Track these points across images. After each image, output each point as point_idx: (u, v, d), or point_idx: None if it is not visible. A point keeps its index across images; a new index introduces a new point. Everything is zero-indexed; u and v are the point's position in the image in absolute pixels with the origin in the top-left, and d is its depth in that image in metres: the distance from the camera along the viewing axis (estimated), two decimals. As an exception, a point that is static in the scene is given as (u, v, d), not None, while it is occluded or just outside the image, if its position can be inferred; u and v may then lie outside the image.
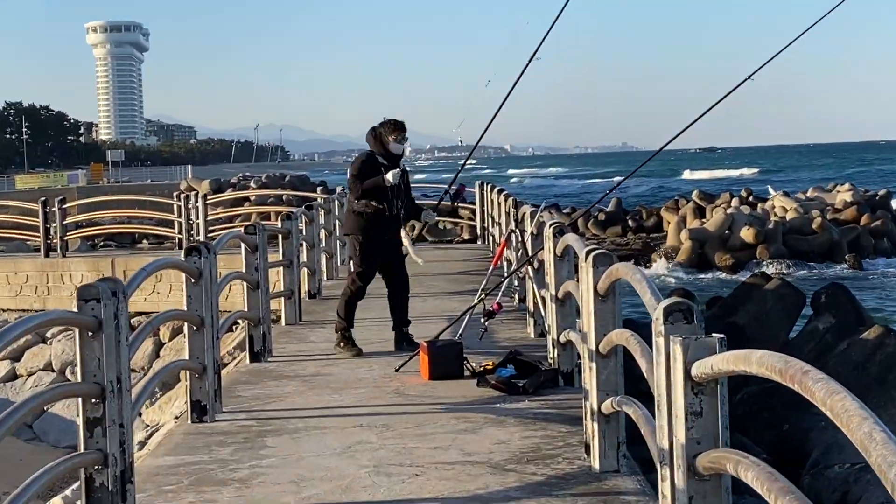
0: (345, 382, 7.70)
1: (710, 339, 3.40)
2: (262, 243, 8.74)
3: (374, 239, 8.55)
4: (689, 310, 3.66)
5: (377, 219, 8.51)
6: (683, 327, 3.61)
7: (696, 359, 3.36)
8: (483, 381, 7.31)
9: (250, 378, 8.06)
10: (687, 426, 3.42)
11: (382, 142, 8.55)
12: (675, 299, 3.69)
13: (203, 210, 19.68)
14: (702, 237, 28.58)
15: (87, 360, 4.44)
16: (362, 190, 8.36)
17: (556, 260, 7.28)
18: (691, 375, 3.37)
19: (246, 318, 8.66)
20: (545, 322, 8.19)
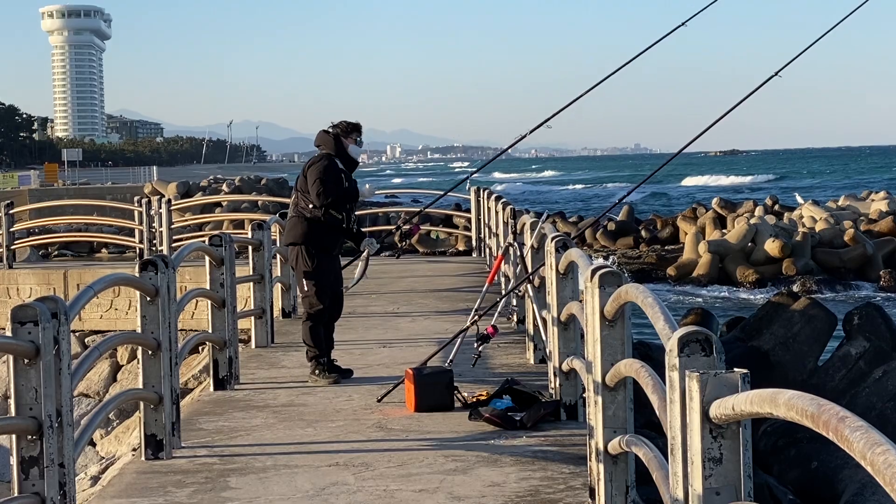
0: (320, 414, 7.64)
1: (732, 375, 3.30)
2: (228, 256, 8.66)
3: (327, 251, 8.48)
4: (707, 340, 3.57)
5: (330, 231, 8.48)
6: (701, 360, 3.53)
7: (716, 397, 3.27)
8: (476, 414, 7.25)
9: (214, 408, 7.99)
10: (704, 474, 3.33)
11: (340, 145, 8.57)
12: (691, 328, 3.59)
13: (167, 217, 19.56)
14: (722, 250, 28.55)
15: (22, 391, 4.32)
16: (334, 198, 8.29)
17: (559, 278, 7.23)
18: (709, 416, 3.28)
19: (210, 340, 8.59)
20: (546, 347, 8.13)
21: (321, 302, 8.52)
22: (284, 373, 9.30)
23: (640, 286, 4.65)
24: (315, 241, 8.49)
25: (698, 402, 3.30)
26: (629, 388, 5.27)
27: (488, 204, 17.97)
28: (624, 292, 4.80)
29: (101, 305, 16.92)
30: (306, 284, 8.55)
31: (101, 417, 5.76)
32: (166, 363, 6.51)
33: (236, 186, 45.81)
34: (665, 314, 4.06)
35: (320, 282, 8.52)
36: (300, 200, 8.57)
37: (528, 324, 9.58)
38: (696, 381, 3.32)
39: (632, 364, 4.75)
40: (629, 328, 5.29)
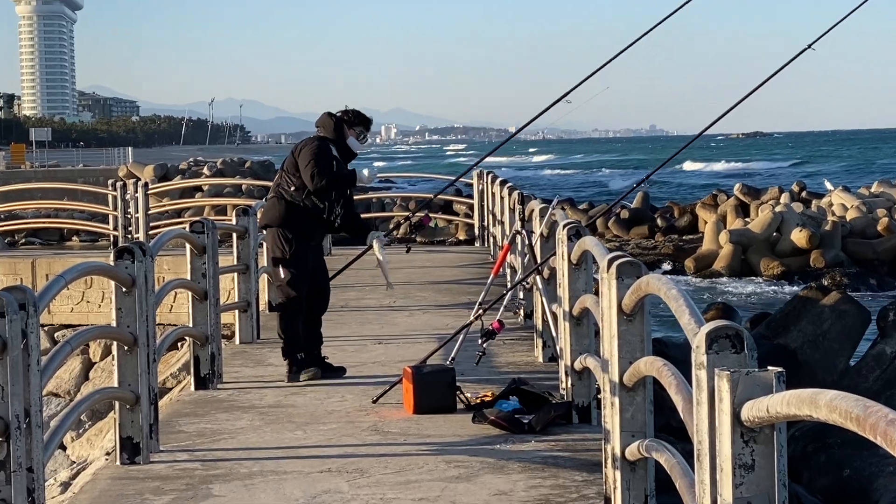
0: (311, 416, 7.63)
1: (766, 374, 3.28)
2: (211, 244, 8.65)
3: (304, 237, 8.47)
4: (738, 336, 3.56)
5: (311, 217, 8.46)
6: (731, 357, 3.52)
7: (748, 398, 3.24)
8: (480, 417, 7.24)
9: (195, 409, 7.97)
10: (735, 482, 3.31)
11: (341, 132, 8.55)
12: (720, 323, 3.57)
13: (143, 202, 19.54)
14: (745, 240, 28.52)
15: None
16: (327, 181, 8.24)
17: (571, 268, 7.21)
18: (740, 419, 3.26)
19: (190, 335, 8.55)
20: (557, 344, 8.12)
21: (296, 291, 8.49)
22: (271, 371, 9.29)
23: (662, 277, 4.63)
24: (293, 224, 8.47)
25: (728, 404, 3.27)
26: (649, 388, 5.27)
27: (493, 189, 17.93)
28: (644, 284, 4.77)
29: (72, 297, 16.88)
30: (281, 271, 8.53)
31: (73, 418, 5.73)
32: (143, 360, 6.48)
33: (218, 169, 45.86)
34: (691, 307, 4.04)
35: (296, 270, 8.50)
36: (283, 181, 8.55)
37: (536, 319, 9.57)
38: (726, 380, 3.29)
39: (653, 362, 4.73)
40: (649, 323, 5.29)
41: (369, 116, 8.77)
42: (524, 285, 10.12)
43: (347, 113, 8.69)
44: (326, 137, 8.57)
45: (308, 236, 8.51)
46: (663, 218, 35.02)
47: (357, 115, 8.70)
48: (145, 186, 20.05)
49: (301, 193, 8.45)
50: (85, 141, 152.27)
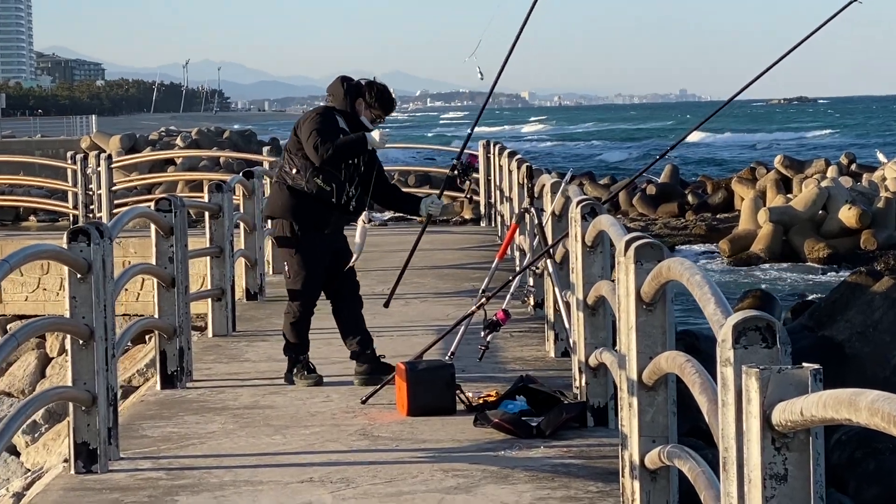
0: (291, 418, 7.63)
1: (800, 372, 3.28)
2: (180, 224, 8.63)
3: (314, 229, 8.36)
4: (769, 328, 3.56)
5: (318, 203, 8.32)
6: (761, 352, 3.53)
7: (780, 399, 3.25)
8: (482, 419, 7.24)
9: (161, 410, 7.98)
10: (765, 494, 3.33)
11: (354, 105, 8.36)
12: (749, 313, 3.55)
13: (107, 177, 19.53)
14: (787, 219, 28.47)
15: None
16: (335, 149, 8.08)
17: (586, 251, 7.22)
18: (771, 422, 3.27)
19: (156, 327, 8.54)
20: (569, 337, 8.12)
21: (304, 289, 8.42)
22: (248, 367, 9.27)
23: (684, 261, 4.60)
24: (298, 214, 8.33)
25: (758, 406, 3.28)
26: (671, 387, 5.28)
27: (500, 161, 17.88)
28: (665, 268, 4.76)
29: (27, 285, 16.88)
30: (288, 267, 8.46)
31: (20, 421, 5.70)
32: (101, 355, 6.46)
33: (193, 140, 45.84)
34: (716, 295, 4.02)
35: (306, 265, 8.40)
36: (285, 163, 8.45)
37: (547, 308, 9.57)
38: (755, 378, 3.29)
39: (675, 358, 4.71)
40: (671, 313, 5.29)
41: (394, 98, 8.55)
42: (533, 270, 10.10)
43: (370, 87, 8.43)
44: (334, 108, 8.41)
45: (318, 225, 8.36)
46: (695, 194, 34.96)
47: (381, 93, 8.41)
48: (109, 159, 20.02)
49: (304, 177, 8.28)
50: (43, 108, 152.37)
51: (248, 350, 10.01)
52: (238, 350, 10.04)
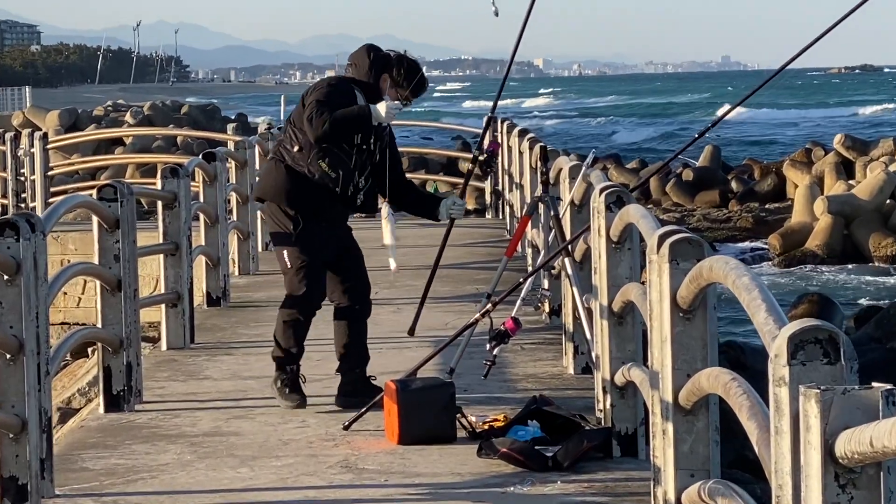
0: (260, 448, 7.60)
1: (870, 393, 3.29)
2: (127, 215, 8.59)
3: (316, 216, 8.33)
4: (831, 340, 3.58)
5: (319, 190, 8.28)
6: (822, 370, 3.55)
7: (845, 426, 3.26)
8: (488, 449, 7.21)
9: (104, 438, 7.93)
10: None
11: (379, 81, 8.34)
12: (807, 323, 3.57)
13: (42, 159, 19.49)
14: (848, 210, 28.47)
15: None
16: (330, 122, 8.04)
17: (611, 248, 7.21)
18: (835, 454, 3.29)
19: (99, 338, 8.49)
20: (591, 350, 8.09)
21: (307, 285, 8.38)
22: (208, 386, 9.25)
23: (730, 260, 4.59)
24: (294, 198, 8.29)
25: (818, 434, 3.28)
26: (713, 410, 5.28)
27: (509, 142, 17.86)
28: (707, 269, 4.74)
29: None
30: (287, 257, 8.41)
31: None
32: (32, 372, 6.42)
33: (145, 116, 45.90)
34: (768, 301, 4.03)
35: (307, 256, 8.35)
36: (286, 138, 8.40)
37: (564, 316, 9.55)
38: (815, 401, 3.30)
39: (718, 376, 4.70)
40: (714, 322, 5.28)
41: (426, 79, 8.52)
42: (549, 270, 10.08)
43: (400, 61, 8.43)
44: (353, 79, 8.38)
45: (318, 214, 8.33)
46: (739, 180, 34.97)
47: (411, 69, 8.39)
48: (44, 139, 19.98)
49: (306, 157, 8.25)
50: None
51: (208, 366, 9.98)
52: (197, 366, 10.02)
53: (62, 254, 18.19)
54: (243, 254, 14.86)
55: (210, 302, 12.65)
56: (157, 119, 45.42)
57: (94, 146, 34.41)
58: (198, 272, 12.34)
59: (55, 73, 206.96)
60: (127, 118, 45.64)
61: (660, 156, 47.81)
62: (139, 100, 69.25)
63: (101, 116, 47.59)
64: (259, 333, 11.13)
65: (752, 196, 33.82)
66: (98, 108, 52.25)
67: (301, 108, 8.29)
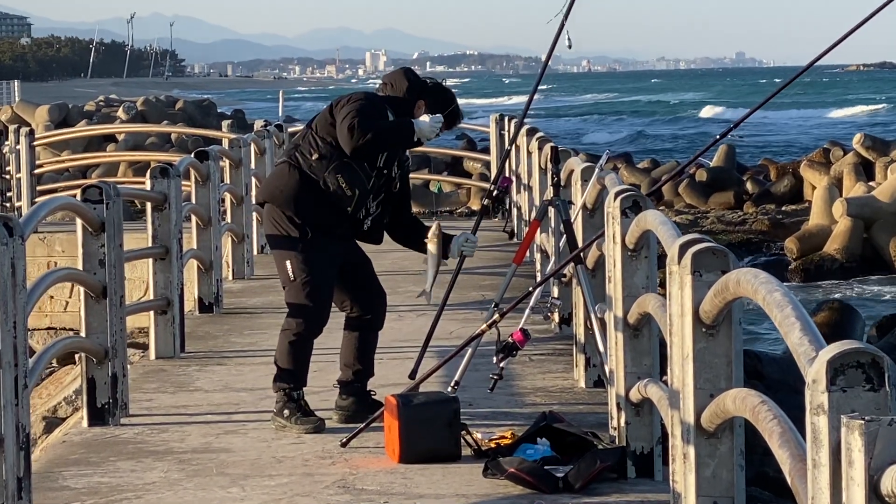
0: (252, 465, 7.53)
1: None
2: (113, 218, 8.50)
3: (324, 230, 8.19)
4: (874, 365, 3.46)
5: (330, 204, 8.15)
6: (865, 397, 3.45)
7: (892, 461, 3.16)
8: (494, 469, 7.15)
9: (87, 454, 7.85)
10: None
11: (412, 104, 8.27)
12: (849, 346, 3.46)
13: (28, 157, 19.37)
14: (868, 212, 28.35)
15: None
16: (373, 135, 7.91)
17: (626, 256, 7.14)
18: (880, 492, 3.17)
19: (82, 349, 8.40)
20: (604, 363, 8.01)
21: (314, 301, 8.21)
22: (199, 399, 9.18)
23: (759, 273, 4.47)
24: (301, 206, 8.14)
25: (862, 470, 3.18)
26: (738, 433, 5.21)
27: (517, 140, 17.71)
28: (734, 282, 4.61)
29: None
30: (291, 268, 8.22)
31: None
32: (9, 386, 6.27)
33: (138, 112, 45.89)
34: (803, 320, 3.91)
35: (315, 268, 8.19)
36: (304, 143, 8.22)
37: (576, 326, 9.48)
38: (858, 433, 3.19)
39: (745, 398, 4.56)
40: (739, 338, 5.21)
41: (461, 111, 8.50)
42: (559, 278, 9.97)
43: (438, 89, 8.42)
44: (387, 97, 8.31)
45: (327, 228, 8.19)
46: (755, 181, 34.89)
47: (446, 98, 8.37)
48: (31, 135, 19.82)
49: (325, 167, 8.10)
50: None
51: (199, 376, 9.91)
52: (187, 376, 9.95)
53: (49, 255, 18.09)
54: (238, 257, 14.78)
55: (202, 308, 12.58)
56: (151, 115, 45.42)
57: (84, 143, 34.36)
58: (189, 277, 12.26)
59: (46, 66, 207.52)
60: (119, 114, 45.66)
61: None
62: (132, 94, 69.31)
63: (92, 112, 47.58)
64: (253, 342, 11.06)
65: (769, 198, 33.73)
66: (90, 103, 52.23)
67: (328, 115, 8.16)
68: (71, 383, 14.18)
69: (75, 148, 33.01)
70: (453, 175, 30.76)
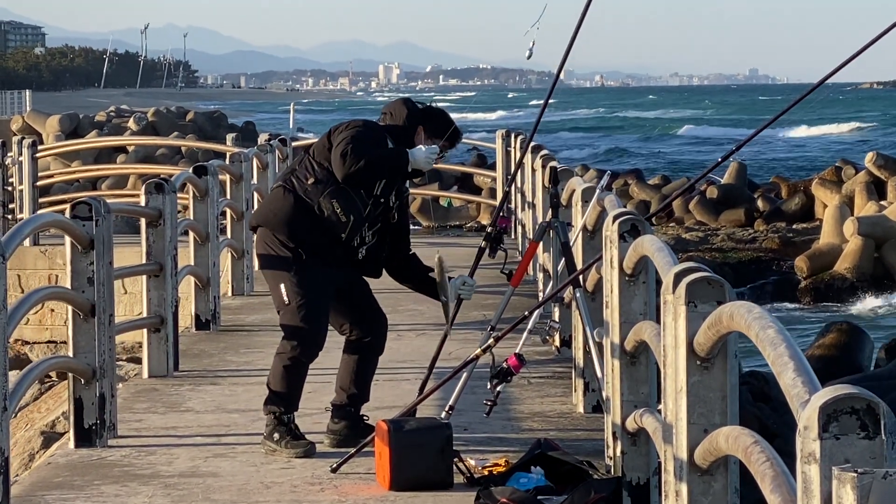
0: (239, 491, 7.42)
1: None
2: (103, 235, 8.39)
3: (319, 256, 8.07)
4: (869, 411, 3.30)
5: (324, 230, 8.04)
6: (859, 445, 3.29)
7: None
8: (487, 498, 7.03)
9: (72, 477, 7.73)
10: None
11: (412, 132, 8.21)
12: (842, 391, 3.33)
13: (31, 168, 19.22)
14: (879, 232, 28.22)
15: None
16: (366, 162, 7.84)
17: (624, 281, 7.03)
18: None
19: (69, 369, 8.29)
20: (602, 388, 7.91)
21: (309, 324, 8.07)
22: (189, 420, 9.07)
23: (753, 307, 4.29)
24: (295, 230, 8.03)
25: None
26: (733, 470, 5.04)
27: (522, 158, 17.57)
28: (727, 316, 4.45)
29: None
30: (285, 293, 8.09)
31: None
32: (-13, 409, 6.11)
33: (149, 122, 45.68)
34: (797, 359, 3.74)
35: (311, 291, 8.07)
36: (301, 167, 8.15)
37: (575, 350, 9.37)
38: (850, 487, 3.04)
39: (738, 437, 4.40)
40: (735, 373, 5.05)
41: (460, 130, 8.43)
42: (558, 300, 9.82)
43: (434, 113, 8.39)
44: (387, 126, 8.25)
45: (320, 253, 8.08)
46: (766, 199, 34.70)
47: (446, 124, 8.32)
48: (33, 146, 19.65)
49: (320, 192, 8.00)
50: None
51: (191, 396, 9.81)
52: (179, 396, 9.85)
53: (50, 269, 17.96)
54: (237, 273, 14.65)
55: (199, 325, 12.48)
56: (162, 126, 45.20)
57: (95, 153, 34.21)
58: (187, 293, 12.08)
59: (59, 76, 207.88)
60: (130, 124, 45.47)
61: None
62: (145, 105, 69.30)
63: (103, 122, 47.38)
64: (249, 361, 10.95)
65: (779, 216, 33.56)
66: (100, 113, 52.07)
67: (326, 141, 8.09)
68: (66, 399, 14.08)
69: (85, 158, 32.86)
70: (464, 189, 30.55)
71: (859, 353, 17.68)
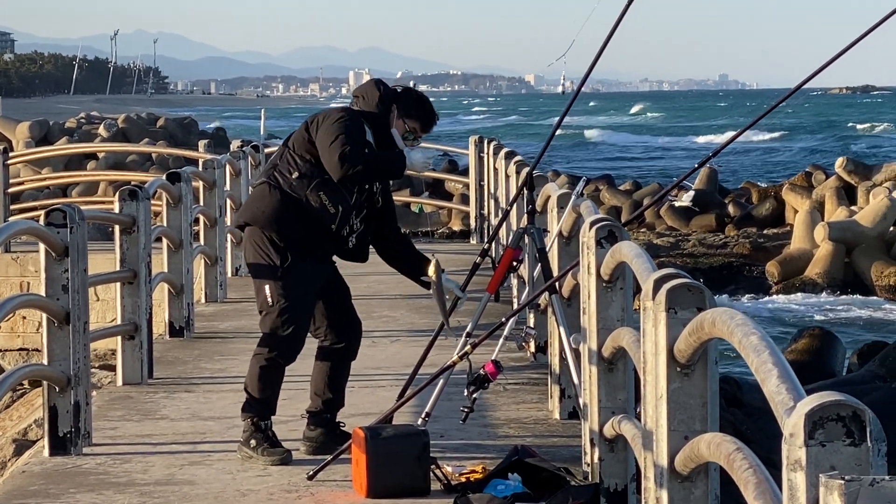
0: (216, 499, 7.38)
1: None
2: (78, 242, 8.32)
3: (307, 251, 8.03)
4: (855, 418, 3.29)
5: (313, 223, 7.99)
6: (845, 453, 3.29)
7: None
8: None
9: (46, 486, 7.68)
10: None
11: (387, 115, 8.14)
12: (828, 398, 3.31)
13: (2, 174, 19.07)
14: (850, 237, 28.29)
15: None
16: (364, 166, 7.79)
17: (601, 287, 7.02)
18: None
19: (44, 376, 8.23)
20: (579, 395, 7.87)
21: (290, 327, 8.02)
22: (164, 427, 9.01)
23: (735, 313, 4.25)
24: (284, 227, 7.98)
25: None
26: (713, 477, 5.05)
27: (495, 163, 17.59)
28: (709, 323, 4.42)
29: None
30: (269, 294, 8.03)
31: None
32: (-39, 418, 6.04)
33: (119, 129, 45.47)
34: (780, 366, 3.73)
35: (294, 292, 8.01)
36: (283, 162, 8.06)
37: (551, 356, 9.32)
38: (838, 493, 3.02)
39: (721, 444, 4.38)
40: (715, 379, 5.04)
41: (436, 112, 8.34)
42: (535, 307, 9.78)
43: (408, 93, 8.31)
44: (361, 111, 8.16)
45: (310, 249, 8.04)
46: (737, 204, 34.79)
47: (420, 102, 8.25)
48: (4, 153, 19.48)
49: (306, 185, 7.94)
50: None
51: (166, 404, 9.74)
52: (154, 403, 9.78)
53: (22, 276, 17.85)
54: (211, 280, 14.57)
55: (172, 332, 12.40)
56: (132, 132, 45.03)
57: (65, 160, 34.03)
58: (160, 300, 12.03)
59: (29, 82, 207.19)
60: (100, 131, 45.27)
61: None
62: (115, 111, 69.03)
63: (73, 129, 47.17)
64: (223, 368, 10.90)
65: (750, 221, 33.62)
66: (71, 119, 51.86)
67: (305, 133, 8.02)
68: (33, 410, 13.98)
69: (55, 165, 32.73)
70: (435, 195, 30.51)
71: (832, 358, 17.72)
